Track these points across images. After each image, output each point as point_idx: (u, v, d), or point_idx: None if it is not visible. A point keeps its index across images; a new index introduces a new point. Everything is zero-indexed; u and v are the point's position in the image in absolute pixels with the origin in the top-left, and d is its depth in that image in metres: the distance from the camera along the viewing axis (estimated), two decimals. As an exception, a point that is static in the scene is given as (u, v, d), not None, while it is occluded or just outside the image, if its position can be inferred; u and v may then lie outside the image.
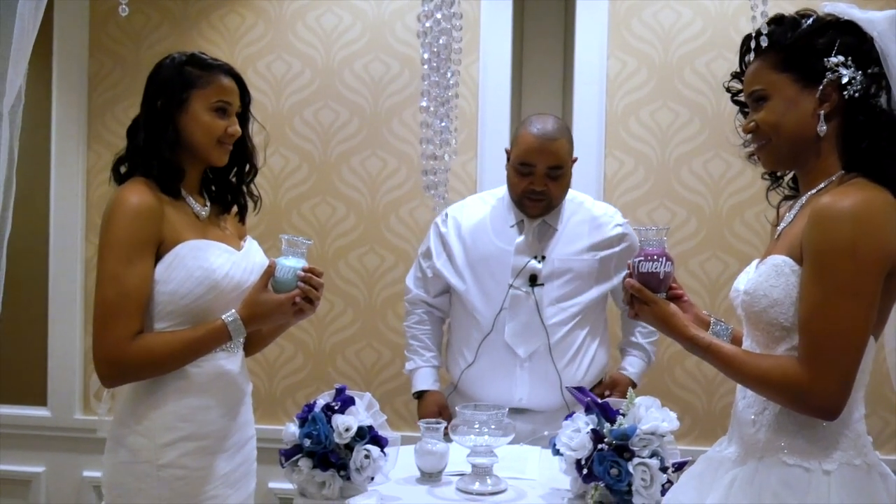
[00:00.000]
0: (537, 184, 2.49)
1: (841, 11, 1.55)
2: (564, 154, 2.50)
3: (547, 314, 2.52)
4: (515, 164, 2.52)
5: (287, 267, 1.88)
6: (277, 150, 3.35)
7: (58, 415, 3.44)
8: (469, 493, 2.03)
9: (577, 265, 2.54)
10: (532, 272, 2.52)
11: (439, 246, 2.67)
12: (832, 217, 1.44)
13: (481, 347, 2.56)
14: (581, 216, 2.61)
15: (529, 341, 2.53)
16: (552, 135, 2.48)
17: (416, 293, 2.74)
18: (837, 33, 1.53)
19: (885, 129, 1.51)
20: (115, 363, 1.79)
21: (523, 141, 2.51)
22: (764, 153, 1.62)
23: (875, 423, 3.13)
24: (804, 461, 1.50)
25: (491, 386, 2.55)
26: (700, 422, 3.19)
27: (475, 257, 2.59)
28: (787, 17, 1.58)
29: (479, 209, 2.66)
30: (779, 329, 1.53)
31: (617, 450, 1.90)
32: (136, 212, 1.80)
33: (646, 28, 3.22)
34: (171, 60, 1.91)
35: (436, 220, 2.71)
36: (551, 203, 2.54)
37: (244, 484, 1.99)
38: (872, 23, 1.51)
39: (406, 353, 2.77)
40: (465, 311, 2.61)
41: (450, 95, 1.56)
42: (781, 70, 1.55)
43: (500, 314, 2.53)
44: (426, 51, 1.46)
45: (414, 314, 2.75)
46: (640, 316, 1.73)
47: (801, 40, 1.54)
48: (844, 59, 1.51)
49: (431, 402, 2.63)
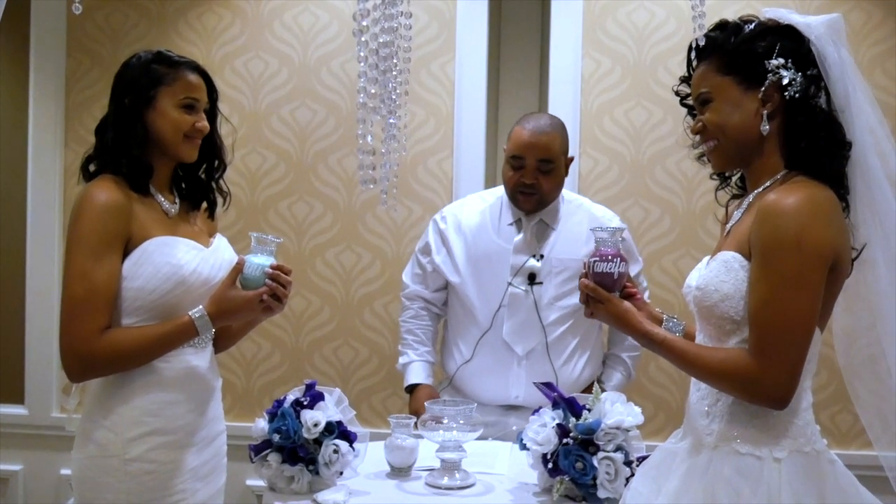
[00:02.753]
0: (528, 177, 2.52)
1: (781, 16, 1.61)
2: (555, 148, 2.53)
3: (545, 313, 2.54)
4: (508, 158, 2.56)
5: (255, 264, 1.90)
6: (254, 149, 3.36)
7: (35, 413, 3.45)
8: (437, 487, 2.05)
9: (574, 265, 2.54)
10: (531, 270, 2.54)
11: (439, 242, 2.68)
12: (778, 214, 1.49)
13: (479, 344, 2.57)
14: (579, 217, 2.63)
15: (527, 339, 2.55)
16: (544, 129, 2.52)
17: (414, 288, 2.74)
18: (778, 37, 1.59)
19: (823, 128, 1.57)
20: (83, 358, 1.80)
21: (516, 135, 2.55)
22: (713, 154, 1.67)
23: (846, 419, 3.17)
24: (756, 450, 1.54)
25: (487, 383, 2.57)
26: (674, 417, 3.22)
27: (475, 254, 2.61)
28: (730, 23, 1.64)
29: (477, 206, 2.69)
30: (729, 323, 1.57)
31: (582, 444, 1.93)
32: (103, 208, 1.82)
33: (620, 28, 3.25)
34: (137, 59, 1.92)
35: (434, 217, 2.74)
36: (543, 198, 2.56)
37: (214, 478, 2.00)
38: (810, 27, 1.58)
39: (400, 348, 2.76)
40: (463, 308, 2.63)
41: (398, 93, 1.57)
42: (725, 73, 1.61)
43: (498, 311, 2.55)
44: (362, 49, 1.47)
45: (410, 309, 2.74)
46: (596, 314, 1.77)
47: (744, 44, 1.60)
48: (785, 61, 1.57)
49: (424, 395, 2.60)
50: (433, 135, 3.32)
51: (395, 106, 1.58)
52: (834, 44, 1.56)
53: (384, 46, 1.48)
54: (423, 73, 3.27)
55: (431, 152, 3.31)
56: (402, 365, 2.72)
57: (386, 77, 1.53)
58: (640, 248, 3.21)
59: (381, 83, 1.52)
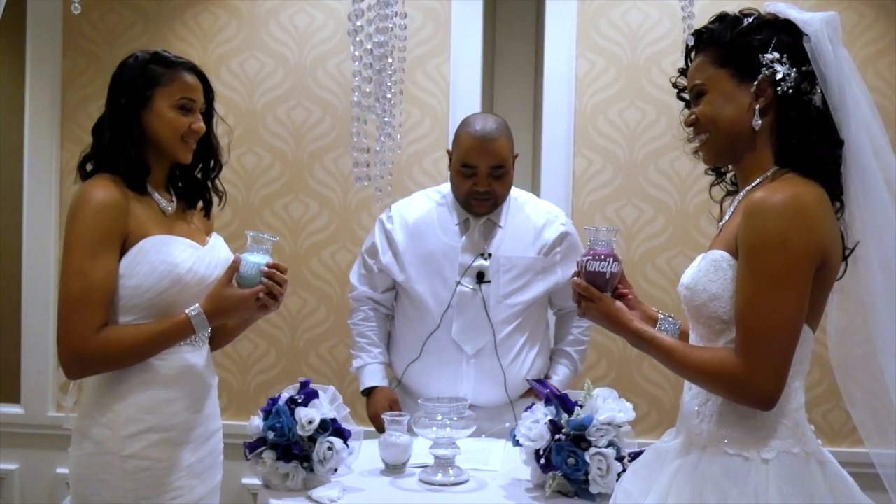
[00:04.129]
0: (481, 184, 2.48)
1: (780, 11, 1.60)
2: (506, 152, 2.49)
3: (493, 312, 2.53)
4: (458, 167, 2.51)
5: (251, 262, 1.91)
6: (250, 149, 3.38)
7: (31, 412, 3.46)
8: (431, 483, 2.06)
9: (521, 262, 2.55)
10: (479, 269, 2.52)
11: (384, 242, 2.63)
12: (764, 212, 1.48)
13: (427, 343, 2.55)
14: (525, 214, 2.61)
15: (476, 339, 2.53)
16: (492, 134, 2.46)
17: (362, 290, 2.69)
18: (774, 31, 1.58)
19: (815, 124, 1.55)
20: (79, 355, 1.81)
21: (464, 142, 2.49)
22: (704, 147, 1.66)
23: (837, 417, 3.19)
24: (744, 450, 1.53)
25: (436, 382, 2.54)
26: (667, 416, 3.24)
27: (422, 253, 2.57)
28: (728, 15, 1.63)
29: (423, 205, 2.64)
30: (719, 322, 1.57)
31: (574, 440, 1.94)
32: (101, 206, 1.83)
33: (614, 28, 3.27)
34: (134, 59, 1.93)
35: (381, 217, 2.69)
36: (497, 201, 2.54)
37: (210, 475, 2.01)
38: (807, 23, 1.56)
39: (352, 352, 2.72)
40: (412, 307, 2.60)
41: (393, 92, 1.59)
42: (720, 65, 1.60)
43: (447, 311, 2.53)
44: (357, 48, 1.49)
45: (360, 311, 2.69)
46: (587, 313, 1.76)
47: (740, 37, 1.59)
48: (779, 56, 1.56)
49: (382, 397, 2.59)
50: (428, 134, 3.33)
51: (390, 105, 1.60)
52: (831, 41, 1.55)
53: (379, 46, 1.50)
54: (418, 73, 3.29)
55: (426, 152, 3.33)
56: (357, 368, 2.67)
57: (381, 76, 1.55)
58: (634, 247, 3.24)
59: (375, 82, 1.54)
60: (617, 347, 3.27)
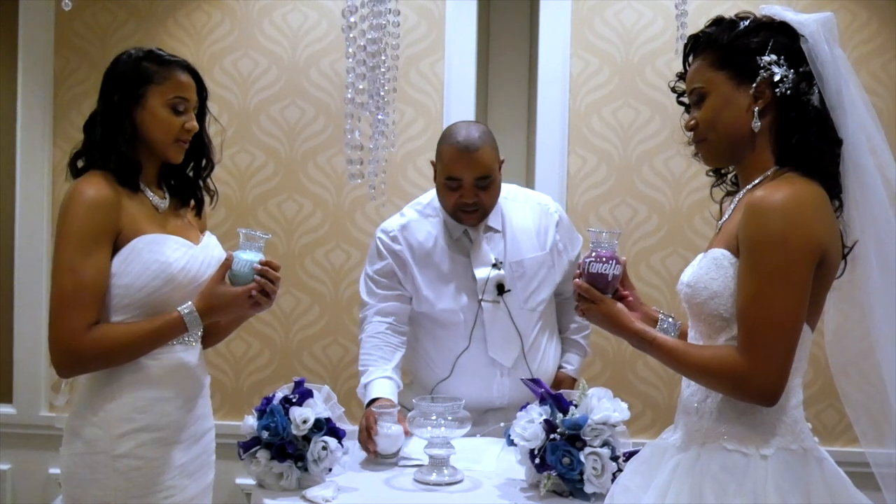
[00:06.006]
0: (468, 196, 2.41)
1: (776, 13, 1.62)
2: (490, 161, 2.41)
3: (518, 320, 2.50)
4: (443, 180, 2.44)
5: (244, 260, 1.90)
6: (244, 148, 3.36)
7: (23, 412, 3.44)
8: (426, 483, 2.06)
9: (530, 263, 2.53)
10: (498, 280, 2.48)
11: (398, 262, 2.54)
12: (764, 210, 1.50)
13: (458, 362, 2.51)
14: (519, 213, 2.58)
15: (510, 350, 2.51)
16: (475, 144, 2.38)
17: (375, 305, 2.55)
18: (771, 33, 1.59)
19: (814, 124, 1.57)
20: (71, 353, 1.80)
21: (446, 155, 2.42)
22: (703, 149, 1.68)
23: (831, 416, 3.20)
24: (743, 447, 1.54)
25: (468, 395, 2.37)
26: (661, 416, 3.24)
27: (437, 275, 2.52)
28: (725, 19, 1.65)
29: (422, 225, 2.56)
30: (719, 320, 1.57)
31: (569, 439, 1.94)
32: (92, 203, 1.82)
33: (608, 28, 3.27)
34: (127, 56, 1.92)
35: (381, 238, 2.57)
36: (486, 211, 2.48)
37: (202, 475, 2.01)
38: (803, 24, 1.58)
39: (361, 367, 2.52)
40: (439, 327, 2.53)
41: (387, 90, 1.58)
42: (719, 68, 1.61)
43: (474, 328, 2.49)
44: (350, 45, 1.49)
45: (371, 324, 2.54)
46: (587, 314, 1.77)
47: (738, 40, 1.60)
48: (777, 57, 1.57)
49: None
50: (422, 134, 3.33)
51: (384, 102, 1.59)
52: (827, 42, 1.57)
53: (372, 43, 1.50)
54: (412, 72, 3.29)
55: (420, 151, 3.32)
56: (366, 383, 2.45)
57: (374, 73, 1.54)
58: (629, 246, 3.23)
59: (369, 79, 1.54)
60: (612, 347, 3.27)
